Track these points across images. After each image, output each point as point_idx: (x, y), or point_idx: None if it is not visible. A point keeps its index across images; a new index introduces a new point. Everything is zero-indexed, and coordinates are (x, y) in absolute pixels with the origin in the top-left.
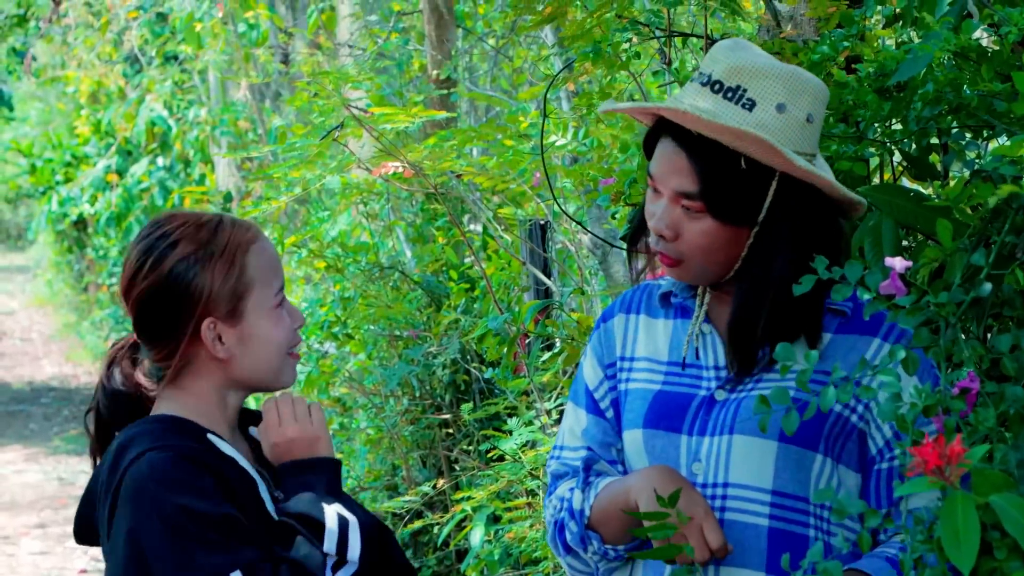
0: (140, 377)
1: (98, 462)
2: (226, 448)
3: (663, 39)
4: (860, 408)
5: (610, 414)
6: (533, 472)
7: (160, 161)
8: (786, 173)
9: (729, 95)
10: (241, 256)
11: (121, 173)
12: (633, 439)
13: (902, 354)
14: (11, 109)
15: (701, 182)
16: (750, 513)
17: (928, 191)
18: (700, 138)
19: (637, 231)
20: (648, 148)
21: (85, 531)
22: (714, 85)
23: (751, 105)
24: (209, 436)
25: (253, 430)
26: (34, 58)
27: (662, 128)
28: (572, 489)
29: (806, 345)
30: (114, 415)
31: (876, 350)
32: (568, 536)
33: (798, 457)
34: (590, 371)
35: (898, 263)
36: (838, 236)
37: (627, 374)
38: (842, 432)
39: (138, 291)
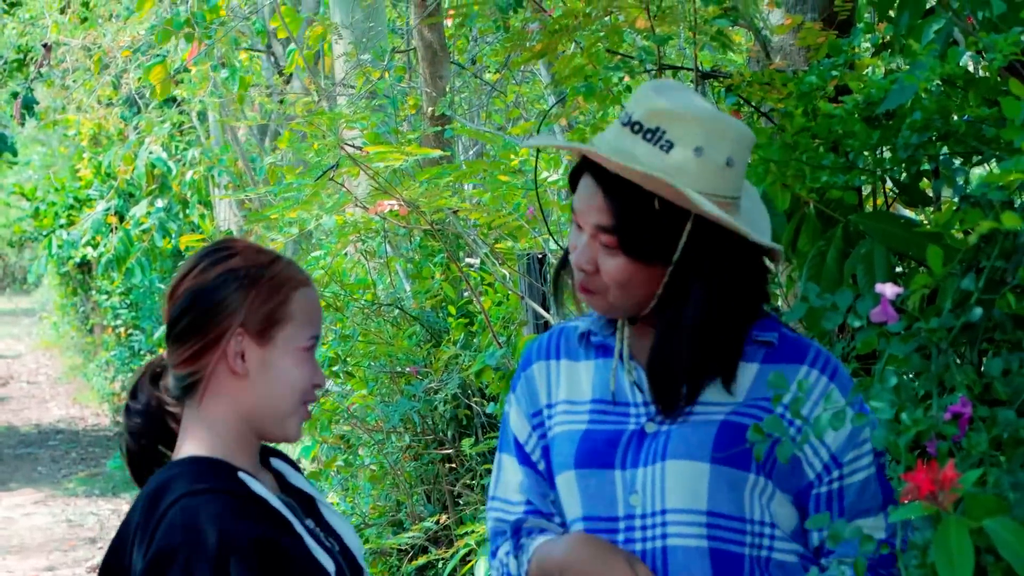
0: (162, 393)
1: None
2: (256, 487)
3: (653, 72)
4: (792, 431)
5: (541, 466)
6: None
7: (159, 203)
8: (701, 217)
9: (648, 136)
10: (289, 290)
11: (122, 215)
12: (566, 481)
13: (893, 380)
14: (14, 154)
15: (615, 219)
16: (690, 536)
17: (920, 218)
18: (616, 177)
19: (561, 267)
20: (573, 183)
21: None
22: (634, 126)
23: (669, 147)
24: (240, 475)
25: (275, 462)
26: (29, 104)
27: (584, 165)
28: (508, 554)
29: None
30: (140, 434)
31: (804, 376)
32: None
33: (730, 478)
34: (518, 422)
35: (888, 289)
36: (761, 277)
37: (551, 421)
38: (772, 453)
39: (184, 288)
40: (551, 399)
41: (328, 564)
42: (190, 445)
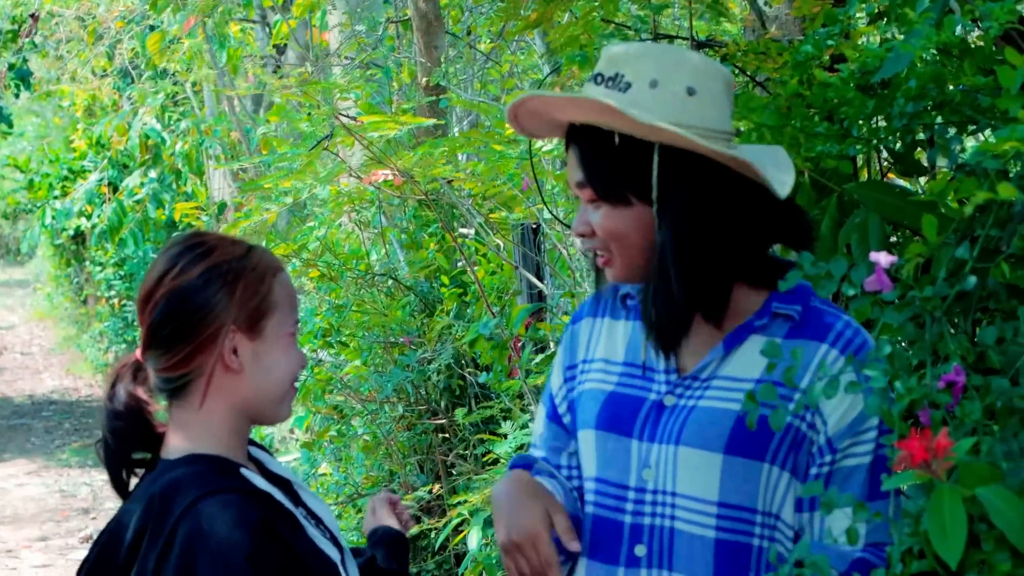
0: (141, 393)
1: (128, 498)
2: (260, 483)
3: (649, 41)
4: (809, 417)
5: (567, 419)
6: None
7: (152, 174)
8: (668, 146)
9: (609, 83)
10: (270, 278)
11: (115, 186)
12: (586, 439)
13: (887, 348)
14: (10, 125)
15: (584, 168)
16: (697, 524)
17: (915, 187)
18: (580, 130)
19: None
20: None
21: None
22: (596, 78)
23: (627, 87)
24: (243, 471)
25: (253, 450)
26: (24, 75)
27: (567, 136)
28: None
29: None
30: (122, 436)
31: (823, 355)
32: None
33: (744, 468)
34: (556, 376)
35: (883, 258)
36: (763, 216)
37: (584, 376)
38: (793, 443)
39: (163, 292)
40: (589, 355)
41: (333, 553)
42: (188, 443)
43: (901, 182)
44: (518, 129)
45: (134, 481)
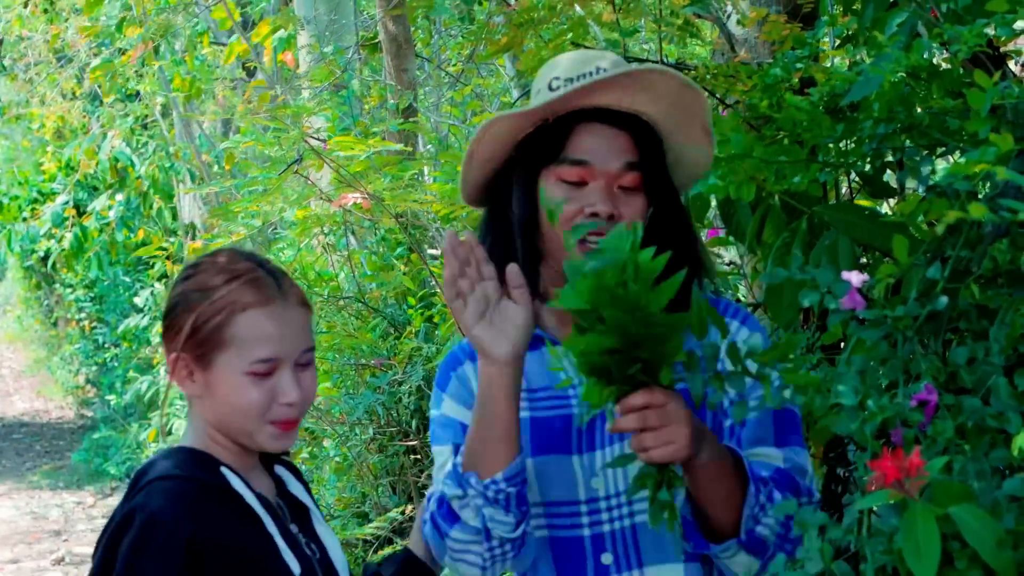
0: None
1: None
2: (236, 483)
3: None
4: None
5: None
6: None
7: (120, 196)
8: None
9: (583, 78)
10: (232, 313)
11: (83, 209)
12: None
13: (860, 367)
14: None
15: (640, 151)
16: None
17: (884, 209)
18: (627, 115)
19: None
20: (555, 144)
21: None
22: (567, 81)
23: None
24: (223, 469)
25: (279, 468)
26: None
27: (584, 118)
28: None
29: None
30: None
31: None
32: (447, 491)
33: None
34: (459, 411)
35: (855, 277)
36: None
37: None
38: (718, 409)
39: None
40: None
41: (295, 566)
42: (184, 437)
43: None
44: (472, 152)
45: None
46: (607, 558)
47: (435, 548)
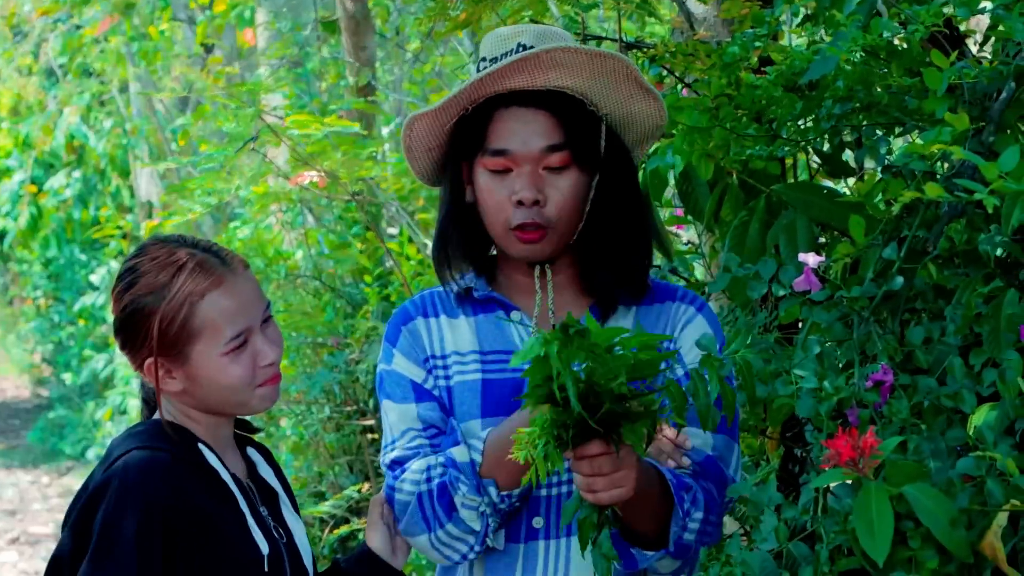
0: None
1: None
2: (211, 458)
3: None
4: (677, 364)
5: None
6: None
7: (76, 174)
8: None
9: (509, 55)
10: (193, 304)
11: (40, 185)
12: (471, 430)
13: (816, 348)
14: None
15: (565, 132)
16: None
17: (842, 188)
18: (550, 93)
19: (444, 239)
20: (473, 136)
21: None
22: (493, 60)
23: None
24: (200, 445)
25: (251, 451)
26: None
27: (505, 102)
28: (440, 449)
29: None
30: (151, 404)
31: (676, 311)
32: (462, 490)
33: None
34: (409, 368)
35: (811, 258)
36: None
37: (443, 371)
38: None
39: (113, 309)
40: (440, 351)
41: (263, 546)
42: (160, 412)
43: (829, 183)
44: (408, 146)
45: None
46: (538, 522)
47: (411, 526)
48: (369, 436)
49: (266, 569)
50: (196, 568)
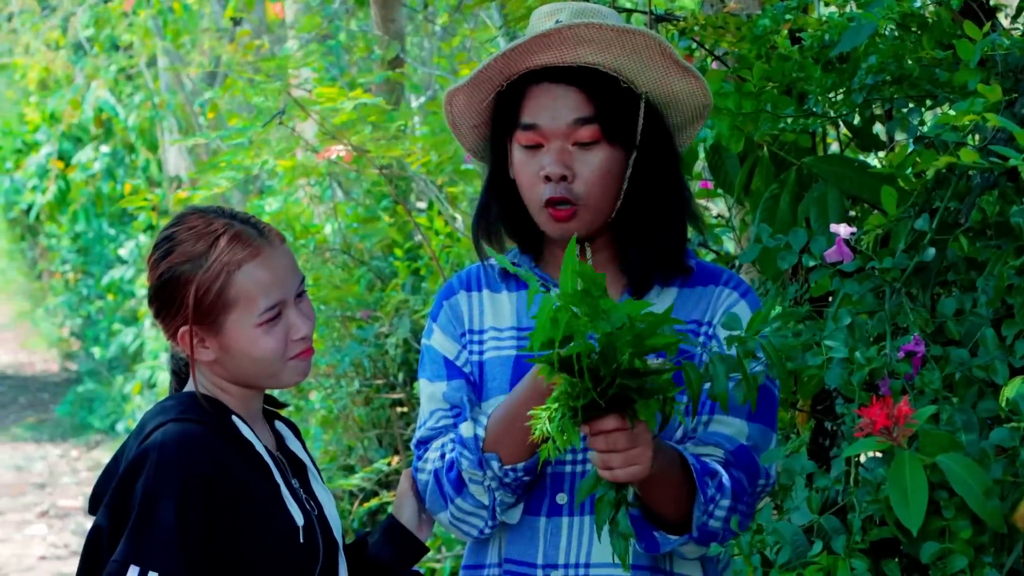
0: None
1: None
2: (245, 431)
3: None
4: (709, 344)
5: (473, 377)
6: None
7: (105, 148)
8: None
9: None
10: (230, 273)
11: (68, 160)
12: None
13: (847, 319)
14: None
15: (595, 106)
16: None
17: (873, 161)
18: (580, 69)
19: (482, 214)
20: (510, 108)
21: (97, 504)
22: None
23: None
24: (233, 418)
25: (279, 424)
26: None
27: (536, 79)
28: (454, 427)
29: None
30: (181, 376)
31: (718, 294)
32: (464, 464)
33: None
34: (444, 344)
35: (843, 229)
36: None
37: (478, 346)
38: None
39: (149, 277)
40: (479, 325)
41: (298, 517)
42: (191, 384)
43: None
44: (452, 123)
45: None
46: (562, 498)
47: (432, 503)
48: (398, 409)
49: (301, 540)
50: (235, 540)
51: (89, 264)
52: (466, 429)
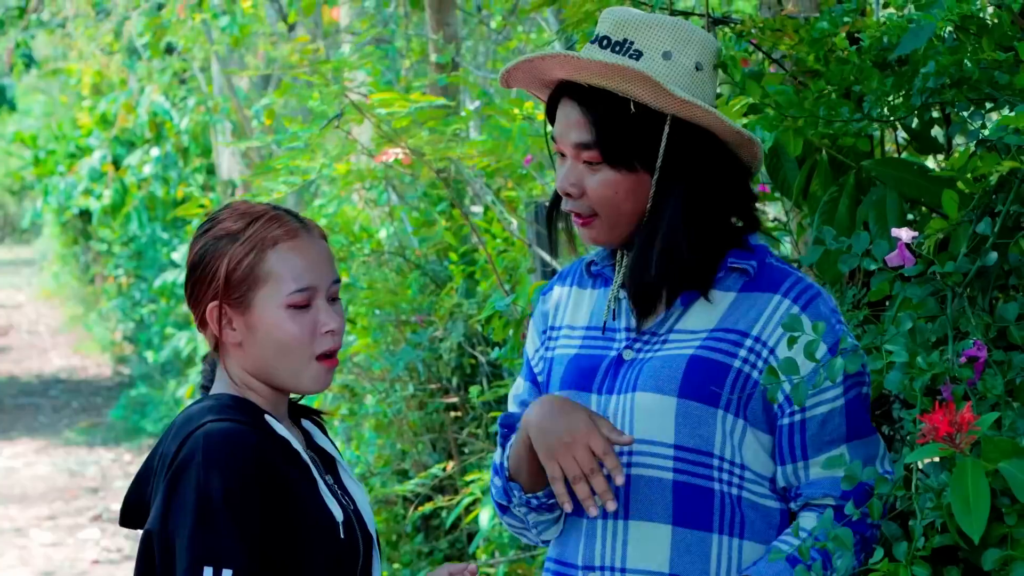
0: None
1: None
2: (280, 429)
3: None
4: (760, 363)
5: (541, 379)
6: None
7: (155, 152)
8: (678, 118)
9: (617, 48)
10: (263, 250)
11: (119, 164)
12: None
13: (908, 323)
14: (13, 108)
15: (595, 130)
16: (655, 467)
17: (931, 165)
18: (592, 90)
19: (552, 206)
20: (551, 116)
21: (132, 514)
22: (602, 41)
23: (638, 55)
24: (267, 417)
25: (306, 422)
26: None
27: (560, 91)
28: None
29: (704, 298)
30: (205, 378)
31: (775, 306)
32: (493, 492)
33: (699, 413)
34: (532, 341)
35: (904, 233)
36: (741, 193)
37: (553, 343)
38: (744, 388)
39: (188, 257)
40: (558, 322)
41: (338, 513)
42: (220, 386)
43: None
44: (505, 83)
45: None
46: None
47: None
48: (452, 414)
49: (342, 535)
50: (282, 537)
51: (142, 268)
52: (497, 456)
